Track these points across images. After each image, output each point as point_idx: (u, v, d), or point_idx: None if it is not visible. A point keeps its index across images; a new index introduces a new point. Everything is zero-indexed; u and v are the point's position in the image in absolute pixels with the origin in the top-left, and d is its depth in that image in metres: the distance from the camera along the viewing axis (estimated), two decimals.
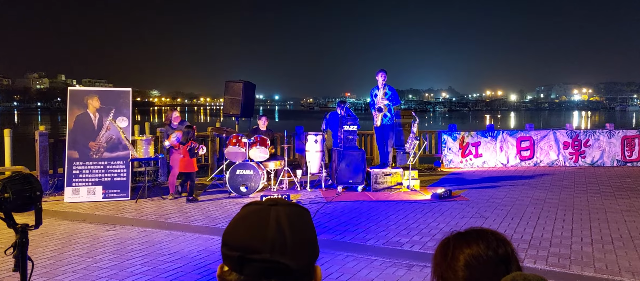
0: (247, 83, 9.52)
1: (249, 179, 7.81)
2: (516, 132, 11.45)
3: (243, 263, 0.79)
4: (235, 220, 0.84)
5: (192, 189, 7.57)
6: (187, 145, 7.51)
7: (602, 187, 8.58)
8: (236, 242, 0.80)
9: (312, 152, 8.63)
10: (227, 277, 0.81)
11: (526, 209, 6.78)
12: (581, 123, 61.22)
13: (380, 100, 8.52)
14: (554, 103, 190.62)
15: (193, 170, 7.62)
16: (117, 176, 7.78)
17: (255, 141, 8.23)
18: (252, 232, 0.80)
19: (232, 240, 0.81)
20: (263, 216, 0.81)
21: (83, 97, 7.87)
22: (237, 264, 0.79)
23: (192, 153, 7.55)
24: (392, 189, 8.14)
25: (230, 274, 0.80)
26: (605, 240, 5.25)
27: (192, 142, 7.57)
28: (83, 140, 7.74)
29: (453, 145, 11.03)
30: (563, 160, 11.23)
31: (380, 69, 8.63)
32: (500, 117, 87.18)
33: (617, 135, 11.28)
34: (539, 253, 4.87)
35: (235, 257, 0.79)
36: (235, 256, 0.79)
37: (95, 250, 5.30)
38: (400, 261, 4.88)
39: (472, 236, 1.09)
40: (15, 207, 2.17)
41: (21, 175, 2.22)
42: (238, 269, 0.79)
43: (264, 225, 0.80)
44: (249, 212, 0.83)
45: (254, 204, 0.85)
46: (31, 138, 9.56)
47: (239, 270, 0.79)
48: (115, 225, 6.44)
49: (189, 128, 7.75)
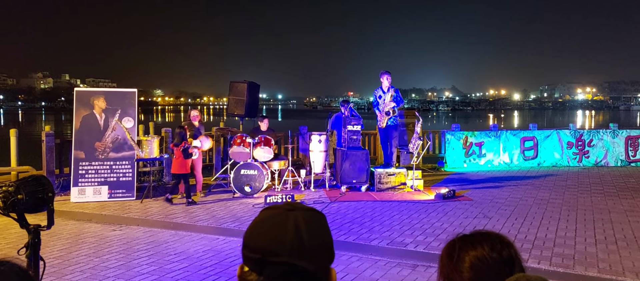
0: (251, 83, 9.56)
1: (253, 179, 7.85)
2: (520, 132, 11.45)
3: (263, 265, 0.83)
4: (255, 223, 0.88)
5: (188, 191, 7.39)
6: (181, 146, 7.33)
7: (605, 187, 8.58)
8: (256, 245, 0.84)
9: (316, 151, 8.67)
10: (248, 277, 0.85)
11: (530, 209, 6.80)
12: (585, 122, 60.99)
13: (387, 104, 8.50)
14: (558, 102, 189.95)
15: (187, 171, 7.43)
16: (122, 176, 7.84)
17: (259, 141, 8.25)
18: (271, 236, 0.84)
19: (253, 243, 0.85)
20: (282, 220, 0.85)
21: (89, 98, 7.94)
22: (257, 266, 0.84)
23: (186, 154, 7.37)
24: (396, 189, 8.17)
25: (250, 274, 0.85)
26: (609, 241, 5.27)
27: (186, 142, 7.39)
28: (89, 140, 7.80)
29: (456, 144, 11.04)
30: (567, 160, 11.22)
31: (384, 71, 8.63)
32: (503, 116, 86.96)
33: (621, 135, 11.26)
34: (542, 253, 4.89)
35: (256, 259, 0.84)
36: (256, 259, 0.84)
37: (102, 249, 5.36)
38: (405, 262, 4.91)
39: (477, 238, 1.13)
40: (28, 208, 2.22)
41: (34, 177, 2.27)
42: (258, 270, 0.84)
43: (283, 229, 0.84)
44: (269, 216, 0.87)
45: (273, 208, 0.89)
46: (36, 138, 9.65)
47: (258, 272, 0.84)
48: (121, 224, 6.50)
49: (181, 129, 7.52)
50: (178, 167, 7.38)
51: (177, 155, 7.39)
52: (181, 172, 7.39)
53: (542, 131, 11.39)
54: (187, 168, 7.47)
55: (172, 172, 7.53)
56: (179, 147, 7.34)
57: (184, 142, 7.38)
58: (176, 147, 7.38)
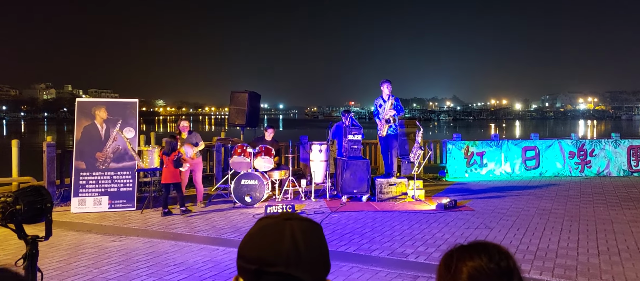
0: (252, 93, 9.59)
1: (254, 189, 7.84)
2: (521, 142, 11.42)
3: (259, 276, 0.81)
4: (251, 233, 0.86)
5: (182, 200, 7.37)
6: (172, 156, 7.32)
7: (608, 197, 8.54)
8: (252, 255, 0.83)
9: (316, 161, 8.66)
10: None
11: (532, 219, 6.75)
12: (587, 132, 60.90)
13: (388, 112, 8.51)
14: (559, 112, 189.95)
15: (178, 180, 7.40)
16: (123, 186, 7.83)
17: (260, 151, 8.25)
18: (268, 246, 0.82)
19: (248, 253, 0.84)
20: (278, 230, 0.84)
21: (91, 108, 7.97)
22: (253, 277, 0.82)
23: (177, 163, 7.36)
24: (397, 199, 8.14)
25: None
26: (612, 252, 5.22)
27: (177, 152, 7.39)
28: (90, 150, 7.81)
29: (458, 154, 11.02)
30: (569, 170, 11.18)
31: (385, 79, 8.65)
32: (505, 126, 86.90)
33: (623, 145, 11.23)
34: (545, 264, 4.85)
35: (252, 270, 0.82)
36: (252, 270, 0.82)
37: (101, 260, 5.33)
38: (406, 273, 4.87)
39: (475, 249, 1.11)
40: (26, 219, 2.20)
41: (32, 187, 2.26)
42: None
43: (280, 239, 0.82)
44: (265, 226, 0.86)
45: (269, 218, 0.87)
46: (38, 149, 9.66)
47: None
48: (121, 235, 6.48)
49: (172, 138, 7.52)
50: (169, 176, 7.32)
51: (167, 164, 7.34)
52: (171, 182, 7.34)
53: (543, 141, 11.37)
54: (178, 177, 7.42)
55: (162, 182, 7.41)
56: (170, 156, 7.32)
57: (174, 152, 7.36)
58: (166, 156, 7.35)
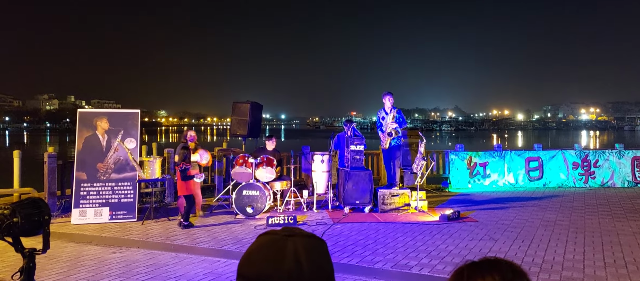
0: (254, 103, 9.57)
1: (255, 200, 7.78)
2: (524, 152, 11.36)
3: None
4: (251, 250, 0.82)
5: (187, 213, 7.12)
6: (181, 166, 7.20)
7: (613, 208, 8.45)
8: (252, 273, 0.79)
9: (318, 172, 8.60)
10: None
11: (536, 231, 6.67)
12: (590, 143, 60.72)
13: (389, 125, 8.48)
14: (562, 122, 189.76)
15: (185, 193, 7.19)
16: (124, 197, 7.79)
17: (261, 161, 8.20)
18: (268, 263, 0.78)
19: (248, 272, 0.79)
20: (280, 247, 0.80)
21: (92, 119, 7.95)
22: None
23: (184, 175, 7.22)
24: (399, 210, 8.07)
25: None
26: (619, 264, 5.14)
27: (183, 163, 7.19)
28: (91, 161, 7.78)
29: (461, 165, 10.95)
30: (573, 180, 11.10)
31: (386, 92, 8.64)
32: (507, 136, 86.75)
33: (627, 155, 11.16)
34: (551, 277, 4.77)
35: None
36: None
37: (101, 272, 5.27)
38: None
39: (486, 266, 1.06)
40: (23, 231, 2.16)
41: (30, 199, 2.22)
42: None
43: (281, 256, 0.78)
44: (265, 242, 0.82)
45: (270, 234, 0.83)
46: (40, 159, 9.64)
47: None
48: (121, 247, 6.42)
49: (185, 149, 7.31)
50: (182, 188, 7.27)
51: (178, 176, 7.31)
52: (185, 194, 7.23)
53: (547, 151, 11.30)
54: (190, 189, 7.29)
55: (179, 194, 7.35)
56: (180, 166, 7.21)
57: (182, 163, 7.23)
58: (177, 166, 7.27)
